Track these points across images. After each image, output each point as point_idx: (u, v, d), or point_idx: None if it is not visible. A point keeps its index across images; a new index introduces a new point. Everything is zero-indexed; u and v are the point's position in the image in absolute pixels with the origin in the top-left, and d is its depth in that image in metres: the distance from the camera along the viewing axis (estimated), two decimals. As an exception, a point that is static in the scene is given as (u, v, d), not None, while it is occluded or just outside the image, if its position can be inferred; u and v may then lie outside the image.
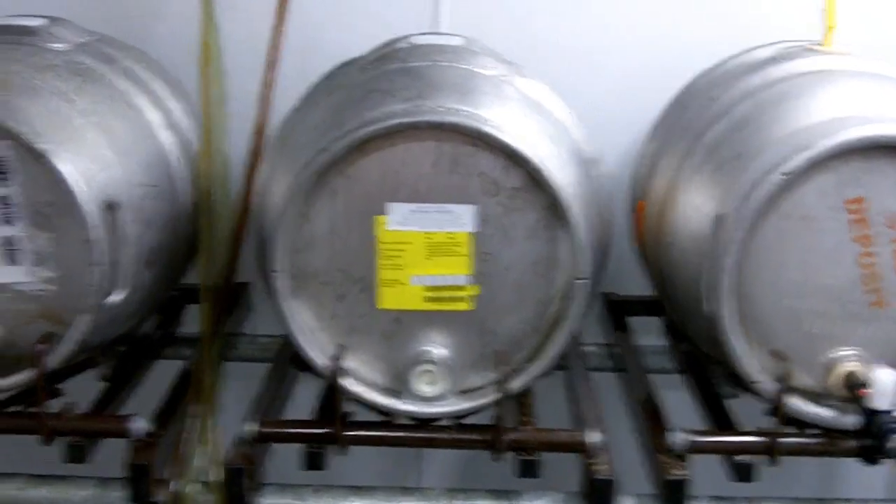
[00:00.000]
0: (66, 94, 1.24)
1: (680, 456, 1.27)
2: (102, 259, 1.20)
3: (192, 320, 1.65)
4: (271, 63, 1.45)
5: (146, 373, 1.50)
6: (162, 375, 1.52)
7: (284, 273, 1.21)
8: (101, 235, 1.20)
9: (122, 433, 1.26)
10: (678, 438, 1.27)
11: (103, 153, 1.23)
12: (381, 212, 1.20)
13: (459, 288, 1.23)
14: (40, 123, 1.18)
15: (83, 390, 1.38)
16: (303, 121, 1.31)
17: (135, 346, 1.49)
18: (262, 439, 1.27)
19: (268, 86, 1.44)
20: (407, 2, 1.66)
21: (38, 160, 1.17)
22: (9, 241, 1.24)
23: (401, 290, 1.23)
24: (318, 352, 1.25)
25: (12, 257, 1.24)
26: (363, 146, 1.17)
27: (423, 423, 1.28)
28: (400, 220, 1.20)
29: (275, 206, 1.23)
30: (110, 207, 1.21)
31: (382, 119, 1.17)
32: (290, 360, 1.42)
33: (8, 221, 1.23)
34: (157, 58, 1.52)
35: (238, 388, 1.49)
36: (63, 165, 1.17)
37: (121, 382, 1.42)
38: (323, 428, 1.26)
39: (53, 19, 1.37)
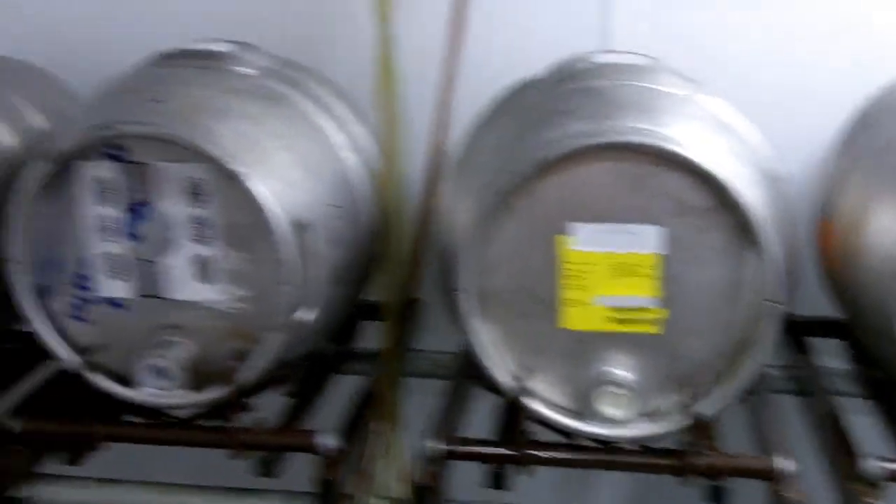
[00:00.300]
0: (255, 117, 1.28)
1: (873, 484, 1.23)
2: (294, 278, 1.23)
3: (366, 336, 1.68)
4: (447, 85, 1.46)
5: (326, 388, 1.53)
6: (339, 390, 1.55)
7: (469, 292, 1.21)
8: (293, 255, 1.23)
9: (310, 448, 1.29)
10: (872, 466, 1.23)
11: (293, 175, 1.27)
12: (565, 232, 1.20)
13: (645, 310, 1.21)
14: (233, 146, 1.22)
15: (262, 404, 1.41)
16: (483, 142, 1.31)
17: (315, 363, 1.52)
18: (446, 457, 1.28)
19: (445, 107, 1.45)
20: (576, 21, 1.66)
21: (233, 182, 1.21)
22: (204, 261, 1.28)
23: (584, 311, 1.22)
24: (501, 371, 1.25)
25: (207, 276, 1.28)
26: (547, 167, 1.17)
27: (604, 445, 1.27)
28: (584, 241, 1.20)
29: (459, 226, 1.24)
30: (301, 228, 1.24)
31: (566, 139, 1.17)
32: (469, 377, 1.43)
33: (204, 242, 1.27)
34: (335, 80, 1.55)
35: (413, 403, 1.50)
36: (257, 187, 1.21)
37: (303, 398, 1.45)
38: (507, 448, 1.26)
39: (240, 44, 1.41)
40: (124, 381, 1.33)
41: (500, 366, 1.25)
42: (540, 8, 1.66)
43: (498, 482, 1.27)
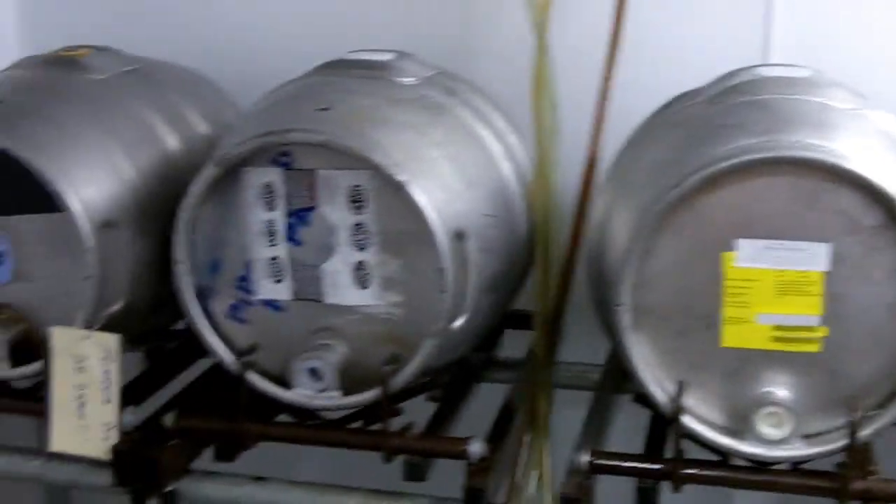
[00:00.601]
0: (418, 126, 1.29)
1: None
2: (451, 286, 1.24)
3: (509, 345, 1.69)
4: (603, 96, 1.46)
5: (470, 396, 1.53)
6: (482, 398, 1.56)
7: (627, 307, 1.20)
8: (451, 264, 1.24)
9: (460, 455, 1.30)
10: None
11: (454, 184, 1.28)
12: (729, 248, 1.18)
13: (810, 329, 1.19)
14: (397, 155, 1.23)
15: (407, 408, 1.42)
16: (643, 155, 1.31)
17: (461, 370, 1.53)
18: (595, 471, 1.27)
19: (600, 119, 1.45)
20: (737, 34, 1.64)
21: (395, 190, 1.23)
22: (361, 266, 1.30)
23: (745, 329, 1.21)
24: (656, 386, 1.24)
25: (363, 281, 1.30)
26: (714, 182, 1.16)
27: (760, 465, 1.25)
28: (749, 257, 1.18)
29: (616, 240, 1.24)
30: (459, 237, 1.25)
31: (736, 154, 1.15)
32: (618, 390, 1.42)
33: (361, 247, 1.29)
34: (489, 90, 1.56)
35: (556, 414, 1.50)
36: (419, 196, 1.22)
37: (449, 404, 1.46)
38: (659, 464, 1.25)
39: (400, 54, 1.43)
40: (279, 381, 1.36)
41: (656, 381, 1.24)
42: (699, 20, 1.64)
43: (648, 498, 1.26)
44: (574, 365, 1.70)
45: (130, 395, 1.40)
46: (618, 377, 1.51)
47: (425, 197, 1.22)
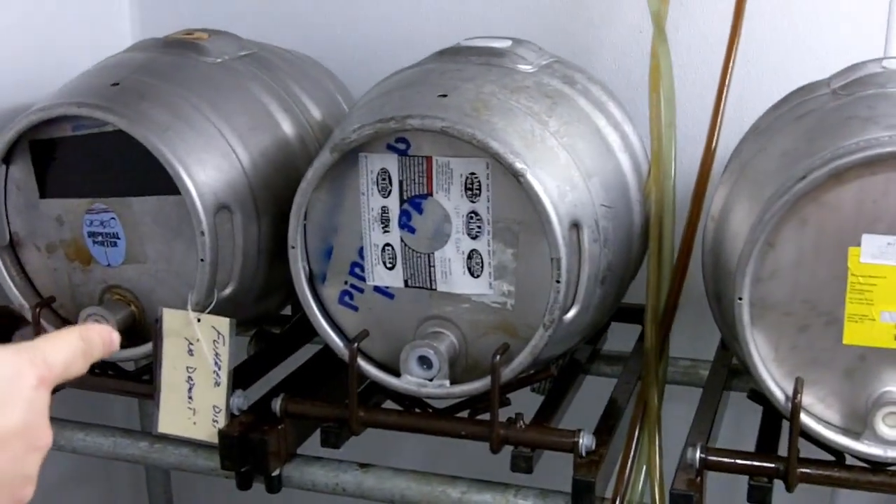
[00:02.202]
0: (538, 114, 1.28)
1: None
2: (566, 277, 1.23)
3: (614, 339, 1.67)
4: (722, 87, 1.43)
5: (576, 388, 1.52)
6: (586, 392, 1.54)
7: (747, 301, 1.18)
8: (567, 254, 1.22)
9: (569, 448, 1.28)
10: None
11: (572, 174, 1.26)
12: (854, 243, 1.16)
13: (938, 328, 1.16)
14: (517, 143, 1.23)
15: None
16: (766, 147, 1.28)
17: (568, 362, 1.52)
18: (707, 467, 1.25)
19: (718, 110, 1.42)
20: (859, 26, 1.60)
21: (512, 179, 1.22)
22: (474, 255, 1.29)
23: (868, 327, 1.17)
24: (773, 383, 1.21)
25: (475, 270, 1.30)
26: (841, 175, 1.13)
27: (876, 465, 1.22)
28: (874, 253, 1.15)
29: (739, 233, 1.21)
30: (575, 227, 1.24)
31: (864, 147, 1.12)
32: (730, 387, 1.40)
33: (475, 235, 1.29)
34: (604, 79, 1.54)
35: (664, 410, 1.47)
36: (537, 185, 1.21)
37: (555, 396, 1.45)
38: (774, 462, 1.23)
39: (517, 41, 1.42)
40: (388, 369, 1.36)
41: (773, 378, 1.21)
42: (821, 10, 1.61)
43: (761, 497, 1.23)
44: (679, 360, 1.69)
45: (238, 378, 1.42)
46: (727, 373, 1.49)
47: (543, 186, 1.21)
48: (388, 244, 1.33)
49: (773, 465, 1.23)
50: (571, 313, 1.26)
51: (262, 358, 1.61)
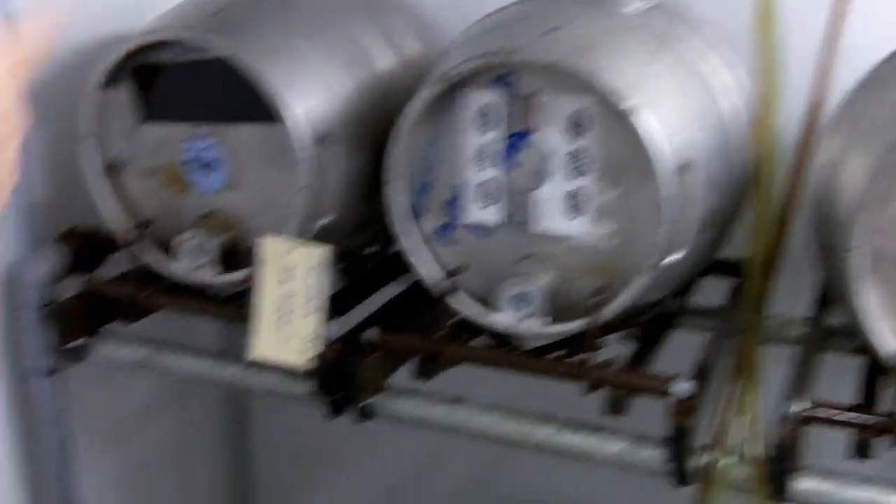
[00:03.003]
0: (646, 54, 1.26)
1: None
2: (671, 219, 1.21)
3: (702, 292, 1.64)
4: (832, 37, 1.39)
5: (666, 339, 1.50)
6: (674, 344, 1.52)
7: (861, 253, 1.15)
8: (673, 195, 1.20)
9: (664, 392, 1.27)
10: None
11: (678, 115, 1.24)
12: (974, 196, 1.12)
13: None
14: (625, 81, 1.20)
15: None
16: (884, 96, 1.24)
17: (658, 311, 1.50)
18: (809, 420, 1.23)
19: (828, 55, 1.38)
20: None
21: (619, 118, 1.20)
22: (575, 194, 1.28)
23: (984, 283, 1.14)
24: (882, 336, 1.19)
25: (575, 210, 1.28)
26: (965, 124, 1.10)
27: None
28: None
29: (852, 182, 1.18)
30: (682, 169, 1.21)
31: None
32: (828, 343, 1.37)
33: (577, 175, 1.27)
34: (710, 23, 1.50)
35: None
36: (645, 124, 1.19)
37: (647, 344, 1.43)
38: (879, 416, 1.20)
39: (622, -19, 1.39)
40: (483, 305, 1.35)
41: (882, 331, 1.18)
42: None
43: (863, 452, 1.21)
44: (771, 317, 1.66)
45: (331, 308, 1.42)
46: (826, 329, 1.46)
47: (651, 126, 1.19)
48: (486, 181, 1.32)
49: (878, 420, 1.20)
50: (675, 257, 1.24)
51: (352, 291, 1.61)
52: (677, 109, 1.24)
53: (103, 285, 1.54)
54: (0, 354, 1.63)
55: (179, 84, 1.41)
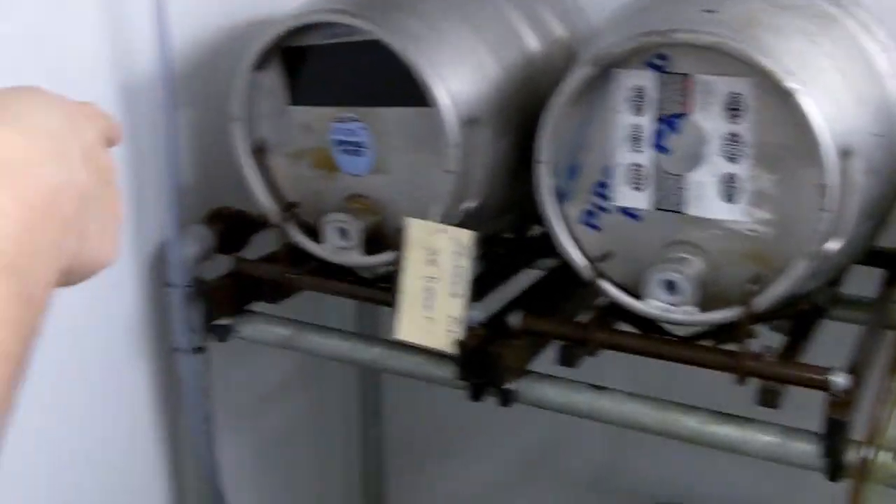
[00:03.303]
0: (809, 35, 1.22)
1: None
2: (833, 206, 1.17)
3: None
4: None
5: (817, 331, 1.46)
6: (826, 336, 1.48)
7: None
8: (836, 182, 1.16)
9: (821, 385, 1.23)
10: None
11: (843, 98, 1.20)
12: None
13: None
14: (788, 62, 1.17)
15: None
16: None
17: (809, 302, 1.46)
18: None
19: None
20: None
21: (780, 100, 1.16)
22: (730, 179, 1.25)
23: None
24: None
25: (731, 195, 1.25)
26: None
27: None
28: None
29: None
30: (846, 154, 1.17)
31: None
32: None
33: (733, 159, 1.24)
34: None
35: None
36: (809, 107, 1.15)
37: (800, 335, 1.39)
38: None
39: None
40: (629, 291, 1.33)
41: None
42: None
43: None
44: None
45: (473, 292, 1.41)
46: None
47: (815, 108, 1.15)
48: (637, 164, 1.29)
49: None
50: (835, 245, 1.20)
51: (492, 275, 1.61)
52: (841, 92, 1.20)
53: (250, 265, 1.56)
54: (150, 331, 1.67)
55: (328, 67, 1.42)
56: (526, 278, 1.62)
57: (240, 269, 1.57)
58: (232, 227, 1.63)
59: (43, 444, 1.54)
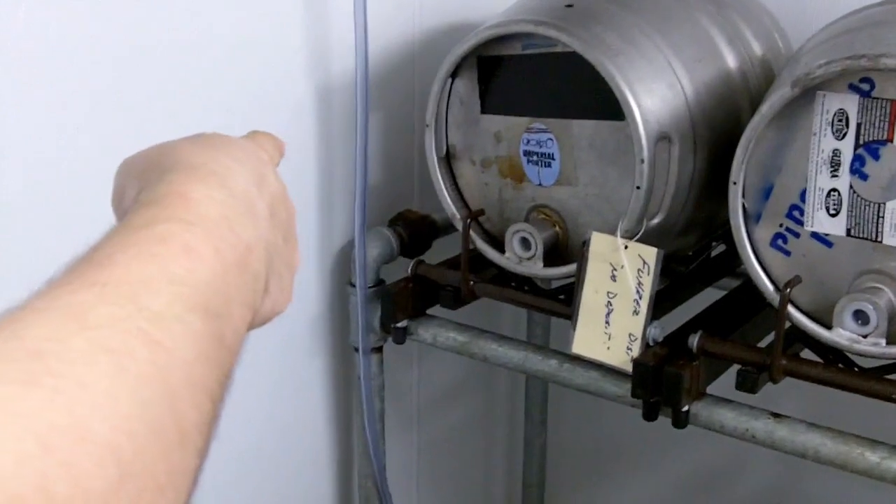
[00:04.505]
0: None
1: None
2: None
3: None
4: None
5: None
6: None
7: None
8: None
9: None
10: None
11: None
12: None
13: None
14: None
15: None
16: None
17: None
18: None
19: None
20: None
21: None
22: (933, 210, 1.21)
23: None
24: None
25: (932, 226, 1.21)
26: None
27: None
28: None
29: None
30: None
31: None
32: None
33: (937, 189, 1.20)
34: None
35: None
36: None
37: None
38: None
39: None
40: (815, 318, 1.30)
41: None
42: None
43: None
44: None
45: (653, 309, 1.40)
46: None
47: None
48: (834, 189, 1.26)
49: None
50: None
51: (672, 292, 1.59)
52: None
53: (432, 269, 1.59)
54: (330, 329, 1.72)
55: (523, 76, 1.43)
56: (707, 297, 1.60)
57: (421, 272, 1.60)
58: (416, 230, 1.66)
59: (223, 430, 1.60)
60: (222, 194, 0.59)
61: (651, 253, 1.36)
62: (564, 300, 1.50)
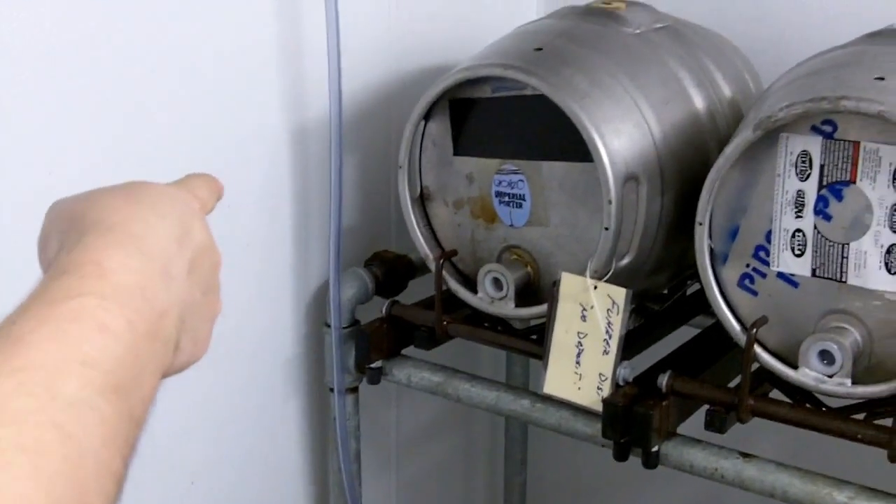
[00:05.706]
0: None
1: None
2: None
3: None
4: None
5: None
6: None
7: None
8: None
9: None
10: None
11: None
12: None
13: None
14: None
15: None
16: None
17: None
18: None
19: None
20: None
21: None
22: (893, 249, 1.22)
23: None
24: None
25: (892, 266, 1.23)
26: None
27: None
28: None
29: None
30: None
31: None
32: None
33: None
34: None
35: None
36: (982, 181, 1.12)
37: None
38: None
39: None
40: (781, 359, 1.31)
41: None
42: None
43: None
44: None
45: (624, 349, 1.41)
46: None
47: None
48: (799, 230, 1.28)
49: None
50: None
51: (642, 332, 1.60)
52: None
53: (406, 310, 1.60)
54: (305, 369, 1.73)
55: (494, 119, 1.45)
56: (680, 336, 1.61)
57: (395, 313, 1.60)
58: (391, 270, 1.67)
59: (198, 472, 1.60)
60: (138, 261, 0.60)
61: (620, 293, 1.37)
62: (537, 340, 1.50)
